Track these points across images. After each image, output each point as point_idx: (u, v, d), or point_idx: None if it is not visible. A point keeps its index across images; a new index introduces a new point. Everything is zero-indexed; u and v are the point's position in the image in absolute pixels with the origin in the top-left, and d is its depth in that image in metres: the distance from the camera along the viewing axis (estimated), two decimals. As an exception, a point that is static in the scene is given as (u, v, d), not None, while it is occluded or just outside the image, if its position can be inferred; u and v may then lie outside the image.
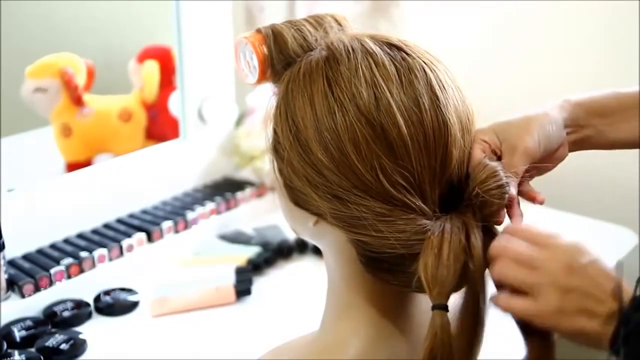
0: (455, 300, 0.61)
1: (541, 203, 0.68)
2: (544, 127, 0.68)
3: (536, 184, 0.73)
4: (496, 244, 0.60)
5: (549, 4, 1.48)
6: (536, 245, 0.58)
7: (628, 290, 0.56)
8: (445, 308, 0.58)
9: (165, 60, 1.43)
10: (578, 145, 0.73)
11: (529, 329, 0.58)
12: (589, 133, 0.73)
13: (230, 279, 1.17)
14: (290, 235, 1.31)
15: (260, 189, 1.46)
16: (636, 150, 1.41)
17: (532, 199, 0.68)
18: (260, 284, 1.20)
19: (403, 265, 0.61)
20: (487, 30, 1.60)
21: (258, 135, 1.44)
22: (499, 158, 0.66)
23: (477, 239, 0.60)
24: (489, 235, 0.62)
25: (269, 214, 1.42)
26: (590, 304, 0.55)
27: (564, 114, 0.71)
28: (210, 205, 1.37)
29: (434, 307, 0.58)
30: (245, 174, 1.51)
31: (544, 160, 0.69)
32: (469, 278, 0.60)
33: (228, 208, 1.40)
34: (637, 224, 1.39)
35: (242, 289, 1.15)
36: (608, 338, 0.54)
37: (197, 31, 1.40)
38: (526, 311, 0.57)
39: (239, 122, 1.52)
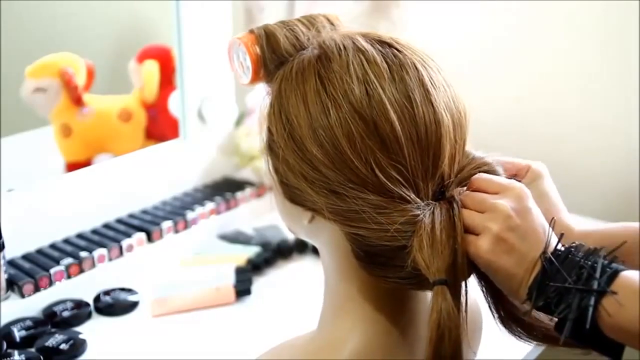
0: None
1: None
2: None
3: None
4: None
5: (549, 4, 1.48)
6: (490, 193, 0.62)
7: (554, 242, 0.60)
8: (445, 283, 0.58)
9: (165, 60, 1.43)
10: None
11: None
12: None
13: (230, 279, 1.17)
14: (290, 235, 1.31)
15: (260, 189, 1.46)
16: (636, 151, 1.41)
17: None
18: (260, 284, 1.20)
19: (398, 258, 0.61)
20: (487, 30, 1.59)
21: (258, 135, 1.44)
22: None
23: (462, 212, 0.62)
24: None
25: (269, 214, 1.42)
26: (524, 246, 0.59)
27: None
28: (210, 205, 1.37)
29: (434, 283, 0.58)
30: (245, 174, 1.51)
31: None
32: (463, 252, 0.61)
33: (228, 208, 1.40)
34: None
35: (242, 289, 1.15)
36: (527, 284, 0.58)
37: (197, 31, 1.40)
38: (470, 243, 0.60)
39: (239, 122, 1.52)
